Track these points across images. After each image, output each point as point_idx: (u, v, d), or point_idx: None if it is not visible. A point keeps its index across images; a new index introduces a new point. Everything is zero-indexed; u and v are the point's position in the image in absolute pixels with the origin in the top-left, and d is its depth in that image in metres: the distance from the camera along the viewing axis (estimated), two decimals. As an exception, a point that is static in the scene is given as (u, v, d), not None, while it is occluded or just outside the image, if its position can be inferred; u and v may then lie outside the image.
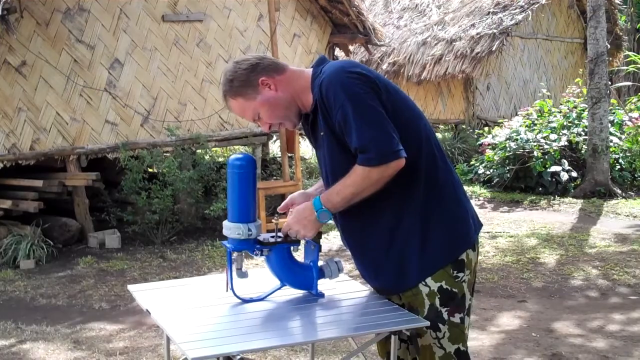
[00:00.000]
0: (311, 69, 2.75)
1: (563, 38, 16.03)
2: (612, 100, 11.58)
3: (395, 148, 2.54)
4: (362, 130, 2.52)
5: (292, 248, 2.82)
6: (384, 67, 14.56)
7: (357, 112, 2.53)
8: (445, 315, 2.66)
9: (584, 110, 11.38)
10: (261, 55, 2.79)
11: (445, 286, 2.66)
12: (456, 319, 2.68)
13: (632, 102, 12.90)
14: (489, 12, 14.58)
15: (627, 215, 9.30)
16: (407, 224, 2.65)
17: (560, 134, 11.15)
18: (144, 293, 2.95)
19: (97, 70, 8.50)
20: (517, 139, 11.12)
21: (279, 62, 2.79)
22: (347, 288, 2.96)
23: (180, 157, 8.70)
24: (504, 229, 8.69)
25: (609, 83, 11.11)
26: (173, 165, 8.29)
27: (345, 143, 2.59)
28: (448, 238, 2.68)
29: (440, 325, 2.66)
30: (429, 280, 2.66)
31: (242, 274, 2.79)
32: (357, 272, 2.89)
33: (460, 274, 2.68)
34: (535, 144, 10.85)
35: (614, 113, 11.71)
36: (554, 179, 10.64)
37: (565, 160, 10.81)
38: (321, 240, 2.83)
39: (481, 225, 2.86)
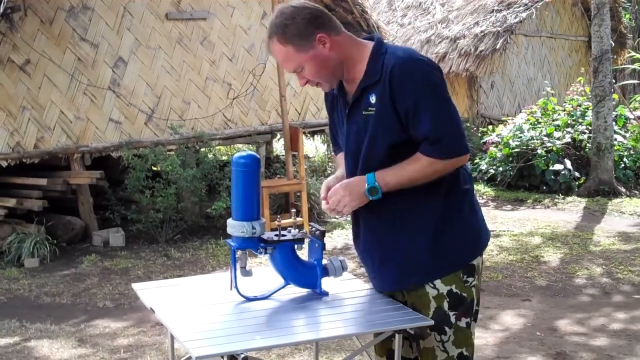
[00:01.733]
0: (369, 42, 2.66)
1: (567, 36, 16.00)
2: (614, 96, 11.54)
3: (465, 143, 2.58)
4: (438, 121, 2.51)
5: (296, 246, 2.82)
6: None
7: (435, 102, 2.52)
8: (452, 319, 2.63)
9: (588, 109, 11.36)
10: (320, 8, 2.67)
11: (455, 290, 2.63)
12: (462, 323, 2.65)
13: (636, 100, 12.89)
14: (493, 10, 14.56)
15: (632, 214, 9.28)
16: (420, 222, 2.64)
17: (565, 132, 11.13)
18: (148, 291, 2.95)
19: (101, 68, 8.50)
20: (520, 137, 11.11)
21: (337, 21, 2.68)
22: (351, 286, 2.95)
23: (183, 155, 8.70)
24: (508, 228, 8.68)
25: (613, 81, 11.08)
26: (176, 164, 8.29)
27: (396, 129, 2.55)
28: (462, 243, 2.66)
29: (447, 329, 2.64)
30: (438, 282, 2.63)
31: (246, 273, 2.79)
32: (361, 271, 2.90)
33: (470, 279, 2.66)
34: (538, 141, 10.84)
35: (617, 111, 11.68)
36: (557, 178, 10.62)
37: (567, 160, 10.79)
38: (325, 239, 2.83)
39: (490, 233, 2.85)
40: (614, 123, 10.87)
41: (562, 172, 10.55)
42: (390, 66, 2.53)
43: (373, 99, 2.58)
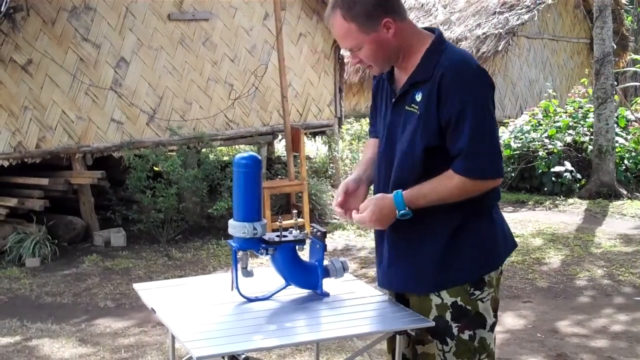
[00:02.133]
0: (429, 34, 2.59)
1: (569, 38, 16.01)
2: (616, 98, 11.54)
3: (501, 166, 2.52)
4: (477, 138, 2.45)
5: (297, 247, 2.82)
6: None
7: (478, 117, 2.45)
8: (454, 331, 2.57)
9: (589, 111, 11.36)
10: None
11: (459, 302, 2.57)
12: (465, 335, 2.58)
13: (638, 103, 12.88)
14: (495, 12, 14.57)
15: (633, 216, 9.28)
16: (434, 232, 2.58)
17: (566, 134, 11.13)
18: (149, 291, 2.95)
19: (103, 69, 8.51)
20: (522, 139, 11.12)
21: (404, 6, 2.59)
22: (352, 287, 2.95)
23: (185, 156, 8.71)
24: (509, 229, 8.67)
25: (615, 83, 11.08)
26: (176, 164, 8.29)
27: (436, 133, 2.49)
28: (474, 258, 2.58)
29: (448, 340, 2.58)
30: (443, 292, 2.58)
31: (247, 273, 2.79)
32: (362, 272, 2.89)
33: (477, 292, 2.58)
34: (540, 143, 10.84)
35: (619, 113, 11.68)
36: (558, 180, 10.63)
37: (567, 162, 10.79)
38: (326, 240, 2.83)
39: (515, 245, 2.78)
40: (615, 125, 10.87)
41: (564, 174, 10.55)
42: (443, 68, 2.48)
43: (419, 97, 2.53)
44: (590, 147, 10.81)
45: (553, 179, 10.60)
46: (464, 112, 2.44)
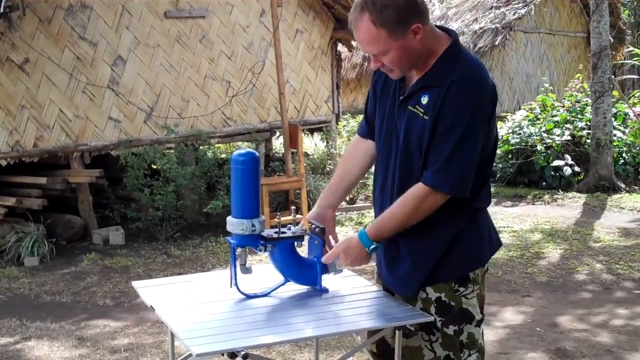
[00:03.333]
0: (445, 37, 2.55)
1: (566, 32, 16.00)
2: (614, 92, 11.54)
3: (467, 188, 2.50)
4: (456, 157, 2.44)
5: (295, 244, 2.82)
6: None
7: (466, 139, 2.44)
8: (438, 324, 2.59)
9: (587, 105, 11.36)
10: None
11: (443, 298, 2.60)
12: (450, 330, 2.60)
13: (635, 96, 12.89)
14: (491, 7, 14.57)
15: (631, 210, 9.29)
16: (426, 239, 2.59)
17: (564, 128, 11.13)
18: (148, 289, 2.95)
19: (99, 67, 8.49)
20: (520, 133, 11.12)
21: (427, 8, 2.53)
22: (351, 283, 2.95)
23: (182, 153, 8.70)
24: (508, 224, 8.68)
25: (612, 77, 11.08)
26: (172, 161, 8.28)
27: (427, 139, 2.49)
28: (461, 259, 2.59)
29: (434, 330, 2.60)
30: (427, 287, 2.61)
31: (246, 270, 2.79)
32: (360, 268, 2.89)
33: (462, 289, 2.60)
34: (538, 138, 10.84)
35: (617, 107, 11.69)
36: (557, 174, 10.63)
37: (568, 155, 10.80)
38: (324, 236, 2.83)
39: (500, 244, 2.77)
40: (613, 119, 10.87)
41: (564, 168, 10.55)
42: (454, 79, 2.44)
43: (425, 100, 2.50)
44: (588, 141, 10.81)
45: (552, 173, 10.60)
46: (455, 128, 2.43)
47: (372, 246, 2.58)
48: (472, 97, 2.45)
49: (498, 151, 11.14)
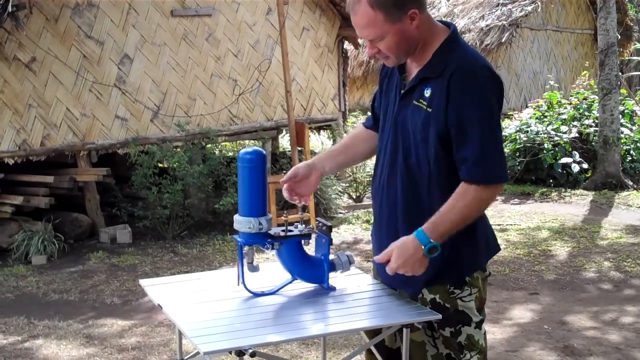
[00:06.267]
0: (444, 28, 2.55)
1: (573, 29, 15.96)
2: (622, 90, 11.51)
3: (507, 170, 2.50)
4: (488, 144, 2.43)
5: (302, 242, 2.81)
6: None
7: (489, 123, 2.43)
8: (435, 326, 2.58)
9: (594, 102, 11.33)
10: None
11: (438, 300, 2.59)
12: (446, 332, 2.59)
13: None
14: (498, 4, 14.53)
15: (639, 207, 9.26)
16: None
17: (571, 125, 11.11)
18: (155, 288, 2.95)
19: (106, 65, 8.50)
20: (527, 131, 11.09)
21: None
22: (358, 281, 2.95)
23: (190, 151, 8.71)
24: (515, 222, 8.67)
25: (620, 74, 11.05)
26: (183, 160, 8.30)
27: (442, 130, 2.46)
28: (455, 262, 2.57)
29: (434, 330, 2.60)
30: (423, 289, 2.61)
31: (253, 268, 2.79)
32: (368, 266, 2.89)
33: (457, 291, 2.58)
34: (545, 135, 10.82)
35: (624, 104, 11.65)
36: (564, 171, 10.61)
37: (576, 152, 10.77)
38: (332, 234, 2.83)
39: (498, 249, 2.74)
40: (620, 116, 10.84)
41: (572, 165, 10.52)
42: (455, 67, 2.44)
43: (427, 93, 2.50)
44: (596, 138, 10.78)
45: (560, 170, 10.57)
46: (473, 117, 2.42)
47: (429, 245, 2.43)
48: (479, 83, 2.44)
49: (505, 149, 11.16)
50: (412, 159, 2.57)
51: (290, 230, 2.78)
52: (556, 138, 10.76)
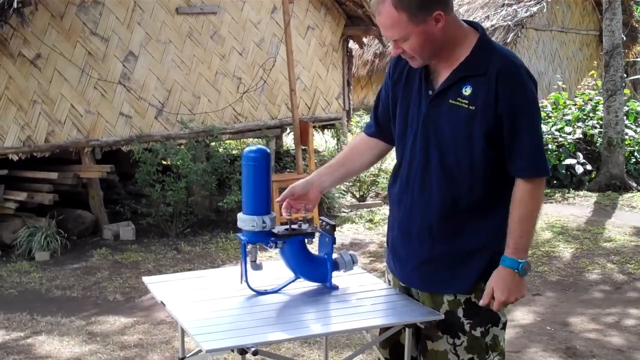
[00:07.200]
0: (471, 29, 2.55)
1: (578, 30, 15.93)
2: (626, 90, 11.49)
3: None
4: (538, 139, 2.51)
5: (306, 240, 2.81)
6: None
7: (537, 118, 2.52)
8: (466, 327, 2.56)
9: (599, 103, 11.31)
10: None
11: (473, 299, 2.56)
12: (477, 332, 2.57)
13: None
14: (503, 4, 14.51)
15: (643, 209, 9.25)
16: (462, 238, 2.57)
17: (575, 126, 11.09)
18: (158, 285, 2.95)
19: (111, 62, 8.51)
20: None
21: None
22: (361, 281, 2.95)
23: (194, 149, 8.71)
24: (519, 222, 8.64)
25: (625, 75, 11.03)
26: (187, 158, 8.30)
27: (493, 129, 2.47)
28: (492, 261, 2.56)
29: (460, 334, 2.57)
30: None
31: (257, 266, 2.79)
32: (371, 265, 2.89)
33: None
34: (549, 136, 10.80)
35: (629, 105, 11.64)
36: (568, 172, 10.59)
37: (580, 153, 10.76)
38: (335, 233, 2.83)
39: None
40: (625, 117, 10.83)
41: (576, 166, 10.51)
42: (498, 66, 2.46)
43: (467, 91, 2.48)
44: (600, 139, 10.77)
45: (564, 171, 10.56)
46: (526, 114, 2.47)
47: (521, 265, 2.48)
48: (523, 80, 2.49)
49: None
50: (451, 158, 2.53)
51: (294, 229, 2.79)
52: (560, 139, 10.75)
